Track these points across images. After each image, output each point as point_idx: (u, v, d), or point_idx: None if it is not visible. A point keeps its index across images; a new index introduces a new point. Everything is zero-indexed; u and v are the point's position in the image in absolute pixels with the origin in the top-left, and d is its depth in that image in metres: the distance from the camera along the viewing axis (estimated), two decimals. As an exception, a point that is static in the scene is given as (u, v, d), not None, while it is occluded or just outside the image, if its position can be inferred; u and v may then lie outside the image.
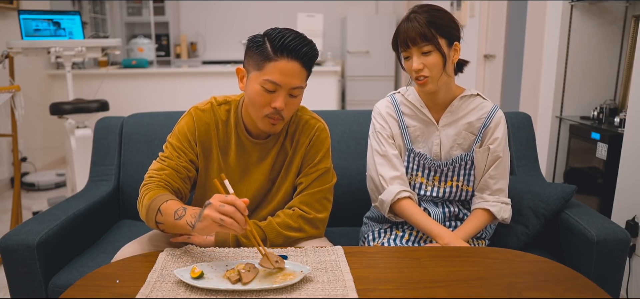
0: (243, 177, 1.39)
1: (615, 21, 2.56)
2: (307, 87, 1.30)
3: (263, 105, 1.25)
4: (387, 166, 1.47)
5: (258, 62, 1.23)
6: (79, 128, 3.12)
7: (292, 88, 1.24)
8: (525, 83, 3.04)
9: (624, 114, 2.20)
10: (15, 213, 2.80)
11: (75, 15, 3.33)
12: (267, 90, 1.23)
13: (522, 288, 1.04)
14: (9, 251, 1.40)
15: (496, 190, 1.48)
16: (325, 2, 6.47)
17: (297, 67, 1.23)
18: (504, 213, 1.47)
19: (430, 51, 1.34)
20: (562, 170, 2.69)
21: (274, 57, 1.21)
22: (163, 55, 6.52)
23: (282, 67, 1.21)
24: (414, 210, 1.44)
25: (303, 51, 1.22)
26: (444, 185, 1.50)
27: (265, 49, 1.22)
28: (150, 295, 0.99)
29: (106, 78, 4.23)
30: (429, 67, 1.34)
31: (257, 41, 1.24)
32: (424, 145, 1.49)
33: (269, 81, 1.22)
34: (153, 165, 1.34)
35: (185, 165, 1.34)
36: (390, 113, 1.50)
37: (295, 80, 1.23)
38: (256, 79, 1.24)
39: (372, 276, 1.09)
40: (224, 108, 1.38)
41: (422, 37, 1.32)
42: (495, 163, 1.46)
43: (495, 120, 1.46)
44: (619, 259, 1.40)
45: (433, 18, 1.34)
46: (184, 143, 1.35)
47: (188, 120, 1.36)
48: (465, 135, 1.47)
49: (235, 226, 1.05)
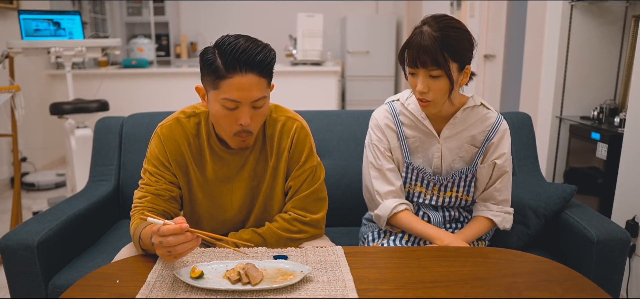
0: (225, 188, 1.34)
1: (615, 21, 2.56)
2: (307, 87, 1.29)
3: (229, 124, 1.20)
4: (382, 181, 1.44)
5: (213, 80, 1.16)
6: (79, 128, 3.12)
7: (253, 101, 1.17)
8: (525, 83, 3.04)
9: (624, 114, 2.20)
10: (15, 213, 2.80)
11: (75, 15, 3.33)
12: (228, 108, 1.17)
13: (522, 288, 1.04)
14: (9, 251, 1.40)
15: (501, 200, 1.46)
16: (325, 2, 6.47)
17: (254, 78, 1.15)
18: (507, 224, 1.46)
19: (439, 76, 1.25)
20: (562, 170, 2.69)
21: (227, 75, 1.13)
22: (163, 55, 6.52)
23: (238, 83, 1.14)
24: (411, 220, 1.42)
25: (257, 60, 1.14)
26: (443, 195, 1.47)
27: (218, 66, 1.14)
28: (150, 295, 0.99)
29: (106, 78, 4.23)
30: (434, 91, 1.27)
31: (208, 58, 1.16)
32: (424, 157, 1.44)
33: (227, 100, 1.15)
34: (136, 194, 1.31)
35: (165, 187, 1.29)
36: (388, 125, 1.43)
37: (254, 93, 1.16)
38: (215, 99, 1.17)
39: (372, 276, 1.09)
40: (193, 121, 1.31)
41: (433, 62, 1.23)
42: (501, 177, 1.43)
43: (500, 133, 1.40)
44: (619, 259, 1.40)
45: (448, 38, 1.23)
46: (159, 167, 1.29)
47: (156, 142, 1.30)
48: (467, 148, 1.42)
49: (187, 247, 1.04)
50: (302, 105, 1.94)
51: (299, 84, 4.64)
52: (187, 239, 1.03)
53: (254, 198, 1.36)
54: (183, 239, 1.03)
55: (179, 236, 1.03)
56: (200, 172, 1.33)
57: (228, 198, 1.35)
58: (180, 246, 1.03)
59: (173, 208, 1.32)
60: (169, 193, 1.30)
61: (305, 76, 4.68)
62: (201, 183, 1.33)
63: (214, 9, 6.70)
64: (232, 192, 1.34)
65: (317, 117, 1.90)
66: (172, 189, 1.31)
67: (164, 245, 1.03)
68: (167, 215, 1.29)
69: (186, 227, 1.03)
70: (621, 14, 2.55)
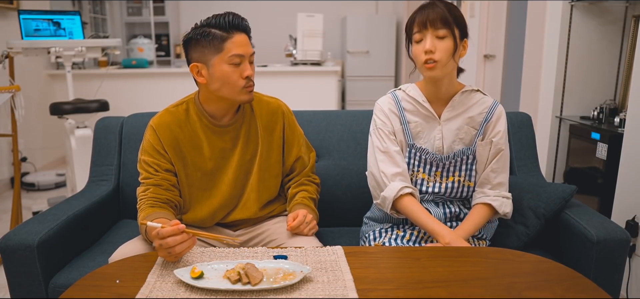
0: (221, 163, 1.46)
1: (615, 21, 2.56)
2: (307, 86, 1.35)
3: (237, 79, 1.36)
4: (389, 163, 1.48)
5: (215, 46, 1.34)
6: (79, 128, 3.12)
7: (250, 55, 1.38)
8: (525, 83, 3.04)
9: (624, 114, 2.20)
10: (15, 213, 2.80)
11: (75, 15, 3.33)
12: (235, 64, 1.35)
13: (522, 288, 1.04)
14: (9, 251, 1.40)
15: (497, 184, 1.48)
16: (325, 2, 6.47)
17: (246, 37, 1.38)
18: (506, 208, 1.47)
19: (445, 36, 1.37)
20: (562, 170, 2.69)
21: (228, 35, 1.34)
22: (163, 55, 6.52)
23: (238, 40, 1.35)
24: (416, 208, 1.44)
25: (244, 24, 1.37)
26: (446, 180, 1.50)
27: (216, 33, 1.33)
28: (150, 295, 0.99)
29: (106, 78, 4.22)
30: (441, 51, 1.37)
31: (203, 32, 1.34)
32: (426, 141, 1.49)
33: (235, 55, 1.34)
34: (138, 190, 1.41)
35: (164, 176, 1.40)
36: (391, 109, 1.51)
37: (249, 48, 1.38)
38: (221, 61, 1.35)
39: (372, 276, 1.09)
40: (181, 108, 1.45)
41: (442, 21, 1.36)
42: (498, 157, 1.47)
43: (497, 114, 1.48)
44: (619, 259, 1.40)
45: (453, 9, 1.40)
46: (154, 156, 1.41)
47: (150, 133, 1.42)
48: (467, 129, 1.48)
49: (184, 247, 1.12)
50: (302, 105, 1.94)
51: (299, 84, 4.64)
52: (184, 239, 1.12)
53: (249, 171, 1.49)
54: (180, 239, 1.11)
55: (177, 237, 1.11)
56: (197, 152, 1.43)
57: (225, 172, 1.45)
58: (179, 246, 1.12)
59: (174, 196, 1.41)
60: (168, 182, 1.40)
61: (305, 76, 4.68)
62: (198, 162, 1.44)
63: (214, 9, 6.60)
64: (229, 166, 1.46)
65: (317, 117, 1.90)
66: (170, 177, 1.41)
67: (164, 246, 1.11)
68: (170, 204, 1.40)
69: (183, 228, 1.12)
70: (621, 14, 2.55)
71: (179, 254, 1.13)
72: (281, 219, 1.53)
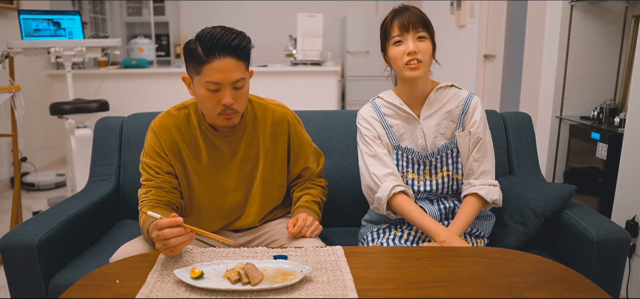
0: (220, 173, 1.43)
1: (615, 21, 2.56)
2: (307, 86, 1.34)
3: (213, 105, 1.30)
4: (379, 165, 1.49)
5: (195, 67, 1.28)
6: (79, 128, 3.12)
7: (233, 82, 1.28)
8: (525, 83, 3.04)
9: (624, 114, 2.20)
10: (15, 213, 2.80)
11: (75, 15, 3.33)
12: (211, 90, 1.28)
13: (522, 288, 1.04)
14: (9, 251, 1.40)
15: (481, 172, 1.49)
16: (325, 2, 6.47)
17: (232, 61, 1.26)
18: (493, 195, 1.47)
19: (425, 37, 1.42)
20: (562, 170, 2.69)
21: (207, 59, 1.25)
22: (163, 55, 6.52)
23: (217, 66, 1.25)
24: (410, 207, 1.44)
25: (233, 45, 1.25)
26: (435, 177, 1.52)
27: (198, 53, 1.25)
28: (150, 295, 0.99)
29: (106, 78, 4.22)
30: (422, 52, 1.41)
31: (190, 48, 1.28)
32: (410, 141, 1.53)
33: (209, 82, 1.26)
34: (140, 192, 1.40)
35: (165, 179, 1.39)
36: (373, 116, 1.55)
37: (233, 75, 1.27)
38: (199, 83, 1.29)
39: (372, 276, 1.09)
40: (183, 112, 1.43)
41: (422, 23, 1.42)
42: (478, 145, 1.49)
43: (473, 104, 1.51)
44: (619, 259, 1.40)
45: (424, 15, 1.45)
46: (156, 158, 1.40)
47: (151, 136, 1.41)
48: (446, 124, 1.51)
49: (180, 241, 1.11)
50: (302, 105, 1.94)
51: (299, 84, 4.64)
52: (180, 233, 1.11)
53: (250, 182, 1.46)
54: (177, 232, 1.11)
55: (173, 229, 1.11)
56: (195, 159, 1.42)
57: (223, 182, 1.43)
58: (174, 239, 1.11)
59: (175, 198, 1.41)
60: (169, 185, 1.39)
61: (305, 76, 4.68)
62: (197, 169, 1.42)
63: (214, 9, 6.70)
64: (227, 177, 1.43)
65: (317, 117, 1.90)
66: (171, 180, 1.40)
67: (160, 237, 1.11)
68: (171, 206, 1.39)
69: (180, 221, 1.12)
70: (621, 14, 2.55)
71: (175, 248, 1.12)
72: (283, 220, 1.53)
